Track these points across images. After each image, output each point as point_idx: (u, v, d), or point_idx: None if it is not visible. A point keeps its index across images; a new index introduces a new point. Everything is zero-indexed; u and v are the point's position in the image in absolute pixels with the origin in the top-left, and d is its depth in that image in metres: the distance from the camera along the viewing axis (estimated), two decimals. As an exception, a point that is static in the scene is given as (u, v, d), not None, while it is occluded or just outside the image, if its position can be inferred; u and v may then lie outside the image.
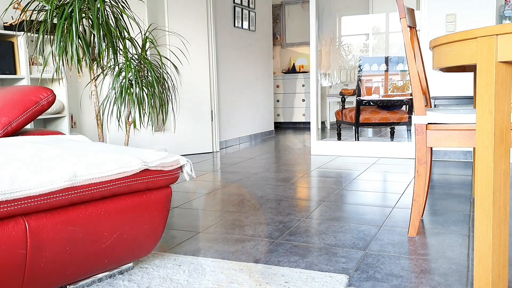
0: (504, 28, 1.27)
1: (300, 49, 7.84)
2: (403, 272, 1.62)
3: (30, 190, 1.19)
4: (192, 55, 4.59)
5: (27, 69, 3.36)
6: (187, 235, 2.09)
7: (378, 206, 2.52)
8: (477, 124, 1.35)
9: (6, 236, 1.17)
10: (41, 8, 2.64)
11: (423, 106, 1.91)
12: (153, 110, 2.81)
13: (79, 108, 4.10)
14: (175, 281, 1.57)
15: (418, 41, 2.26)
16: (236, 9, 5.44)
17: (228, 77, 5.30)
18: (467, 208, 2.43)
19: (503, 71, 1.31)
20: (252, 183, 3.19)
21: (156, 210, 1.55)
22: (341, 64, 7.16)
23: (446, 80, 3.99)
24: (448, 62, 1.57)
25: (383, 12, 6.89)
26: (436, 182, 3.11)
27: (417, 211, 1.98)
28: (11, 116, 1.93)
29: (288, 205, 2.58)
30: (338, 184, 3.11)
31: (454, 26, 3.90)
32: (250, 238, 2.03)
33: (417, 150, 1.93)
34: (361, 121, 4.46)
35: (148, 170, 1.49)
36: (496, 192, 1.33)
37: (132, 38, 2.84)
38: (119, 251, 1.48)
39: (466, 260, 1.72)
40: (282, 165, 3.94)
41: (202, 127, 4.74)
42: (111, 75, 2.83)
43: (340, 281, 1.54)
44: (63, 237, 1.30)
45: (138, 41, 4.06)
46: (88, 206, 1.37)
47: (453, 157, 4.04)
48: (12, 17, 3.45)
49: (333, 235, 2.04)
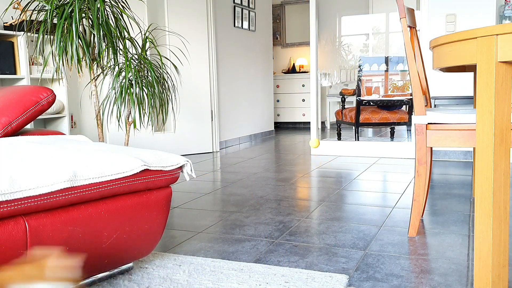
0: (504, 28, 1.27)
1: (300, 49, 7.84)
2: (403, 272, 1.62)
3: (30, 190, 1.19)
4: (192, 55, 4.59)
5: (27, 69, 3.36)
6: (187, 235, 2.09)
7: (378, 206, 2.52)
8: (477, 124, 1.35)
9: (6, 236, 1.17)
10: (41, 8, 2.64)
11: (423, 106, 1.91)
12: (153, 110, 2.81)
13: (79, 108, 4.10)
14: (175, 281, 1.57)
15: (418, 41, 2.26)
16: (236, 9, 5.44)
17: (228, 77, 5.30)
18: (467, 208, 2.43)
19: (503, 71, 1.31)
20: (252, 183, 3.19)
21: (156, 210, 1.55)
22: (341, 64, 7.16)
23: (446, 80, 3.99)
24: (448, 62, 1.57)
25: (383, 12, 6.89)
26: (436, 182, 3.11)
27: (417, 211, 1.98)
28: (11, 116, 1.93)
29: (288, 205, 2.57)
30: (338, 184, 3.11)
31: (454, 26, 3.90)
32: (250, 238, 2.03)
33: (417, 150, 1.93)
34: (361, 121, 4.46)
35: (148, 170, 1.49)
36: (496, 192, 1.33)
37: (132, 38, 2.84)
38: (119, 251, 1.48)
39: (466, 260, 1.72)
40: (282, 165, 3.94)
41: (202, 127, 4.74)
42: (111, 75, 2.83)
43: (340, 281, 1.54)
44: (63, 237, 1.30)
45: (138, 41, 4.06)
46: (88, 206, 1.37)
47: (453, 157, 4.04)
48: (12, 17, 3.45)
49: (333, 235, 2.04)
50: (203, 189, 3.06)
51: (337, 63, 7.18)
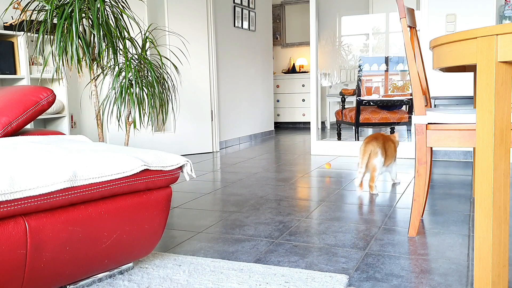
0: (504, 28, 1.27)
1: (300, 49, 7.84)
2: (403, 272, 1.62)
3: (30, 190, 1.19)
4: (192, 55, 4.59)
5: (27, 69, 3.36)
6: (187, 235, 2.09)
7: (378, 206, 2.52)
8: (477, 124, 1.35)
9: (6, 236, 1.17)
10: (41, 8, 2.64)
11: (423, 106, 1.91)
12: (153, 110, 2.81)
13: (79, 108, 4.10)
14: (175, 281, 1.57)
15: (418, 41, 2.26)
16: (236, 9, 5.44)
17: (228, 77, 5.30)
18: (467, 208, 2.43)
19: (503, 71, 1.31)
20: (252, 183, 3.19)
21: (156, 210, 1.55)
22: (341, 64, 7.16)
23: (446, 80, 3.99)
24: (448, 62, 1.57)
25: (383, 12, 6.89)
26: (436, 182, 3.11)
27: (417, 211, 1.98)
28: (11, 116, 1.93)
29: (288, 205, 2.57)
30: (338, 184, 3.11)
31: (454, 26, 3.90)
32: (250, 238, 2.03)
33: (417, 150, 1.93)
34: (361, 121, 4.46)
35: (148, 170, 1.49)
36: (496, 192, 1.33)
37: (132, 38, 2.84)
38: (119, 251, 1.48)
39: (466, 260, 1.72)
40: (282, 165, 3.94)
41: (202, 127, 4.74)
42: (111, 75, 2.83)
43: (340, 281, 1.54)
44: (63, 237, 1.30)
45: (138, 41, 4.06)
46: (88, 206, 1.37)
47: (453, 157, 4.04)
48: (12, 17, 3.45)
49: (333, 235, 2.04)
50: (203, 189, 3.06)
51: (337, 63, 7.19)
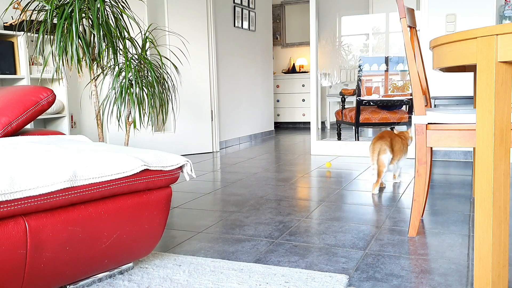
0: (504, 28, 1.27)
1: (300, 49, 7.84)
2: (403, 272, 1.62)
3: (30, 190, 1.19)
4: (192, 55, 4.59)
5: (27, 69, 3.36)
6: (187, 235, 2.09)
7: (378, 206, 2.52)
8: (477, 124, 1.35)
9: (6, 236, 1.17)
10: (41, 8, 2.64)
11: (423, 106, 1.91)
12: (153, 110, 2.81)
13: (79, 108, 4.10)
14: (175, 281, 1.57)
15: (418, 41, 2.26)
16: (236, 9, 5.44)
17: (228, 77, 5.30)
18: (467, 208, 2.43)
19: (503, 71, 1.31)
20: (252, 183, 3.19)
21: (156, 210, 1.55)
22: (341, 64, 7.16)
23: (446, 80, 3.99)
24: (448, 62, 1.57)
25: (383, 12, 6.90)
26: (436, 182, 3.11)
27: (417, 211, 1.98)
28: (11, 116, 1.93)
29: (288, 205, 2.57)
30: (338, 184, 3.11)
31: (454, 26, 3.90)
32: (250, 238, 2.03)
33: (417, 150, 1.93)
34: (361, 121, 4.46)
35: (148, 170, 1.49)
36: (496, 192, 1.33)
37: (132, 38, 2.84)
38: (119, 251, 1.48)
39: (466, 260, 1.72)
40: (282, 165, 3.94)
41: (202, 127, 4.74)
42: (111, 75, 2.83)
43: (340, 281, 1.54)
44: (63, 237, 1.30)
45: (138, 41, 4.06)
46: (88, 206, 1.37)
47: (453, 157, 4.04)
48: (12, 17, 3.45)
49: (333, 235, 2.04)
50: (203, 189, 3.06)
51: (337, 63, 7.19)
